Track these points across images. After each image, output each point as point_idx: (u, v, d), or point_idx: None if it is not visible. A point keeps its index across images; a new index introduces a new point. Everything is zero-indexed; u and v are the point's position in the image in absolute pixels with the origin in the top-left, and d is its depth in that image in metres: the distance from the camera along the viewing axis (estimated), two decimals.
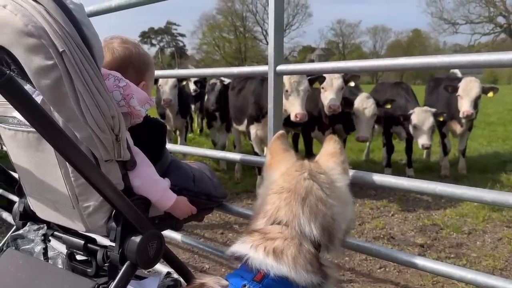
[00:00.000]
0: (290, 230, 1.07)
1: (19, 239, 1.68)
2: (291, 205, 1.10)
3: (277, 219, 1.10)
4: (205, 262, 3.31)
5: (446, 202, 4.68)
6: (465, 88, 5.28)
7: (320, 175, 1.17)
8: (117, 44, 1.55)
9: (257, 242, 1.05)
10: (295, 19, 47.43)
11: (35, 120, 1.09)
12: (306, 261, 1.02)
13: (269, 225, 1.10)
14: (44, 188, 1.44)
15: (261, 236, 1.07)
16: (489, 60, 1.28)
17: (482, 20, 39.81)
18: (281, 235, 1.06)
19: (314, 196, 1.11)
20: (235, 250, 1.07)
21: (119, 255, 1.37)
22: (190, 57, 48.31)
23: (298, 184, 1.14)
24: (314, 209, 1.09)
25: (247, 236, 1.09)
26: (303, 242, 1.05)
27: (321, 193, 1.12)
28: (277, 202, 1.13)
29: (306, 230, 1.06)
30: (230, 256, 1.09)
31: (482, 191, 1.32)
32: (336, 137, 1.35)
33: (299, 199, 1.10)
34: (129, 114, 1.38)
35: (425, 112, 5.15)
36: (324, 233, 1.09)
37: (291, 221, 1.08)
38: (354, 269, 3.17)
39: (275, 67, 1.79)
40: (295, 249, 1.03)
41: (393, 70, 1.54)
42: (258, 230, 1.10)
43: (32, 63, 1.15)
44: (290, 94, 4.22)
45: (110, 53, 1.53)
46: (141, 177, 1.43)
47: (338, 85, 4.78)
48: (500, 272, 3.12)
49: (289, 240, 1.04)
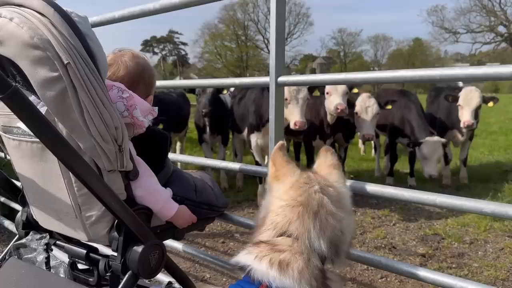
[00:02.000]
0: (300, 244, 1.06)
1: (21, 248, 1.68)
2: (303, 219, 1.09)
3: (287, 232, 1.09)
4: (206, 271, 3.31)
5: (447, 212, 4.67)
6: (465, 98, 5.31)
7: (329, 188, 1.18)
8: (128, 58, 1.58)
9: (263, 253, 1.04)
10: (296, 28, 47.64)
11: (39, 131, 1.10)
12: (312, 276, 1.02)
13: (277, 237, 1.10)
14: (47, 198, 1.45)
15: (269, 248, 1.06)
16: (488, 74, 1.29)
17: (483, 29, 39.96)
18: (290, 248, 1.05)
19: (325, 210, 1.11)
20: (239, 260, 1.07)
21: (121, 265, 1.38)
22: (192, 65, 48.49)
23: (310, 197, 1.13)
24: (324, 223, 1.09)
25: (254, 247, 1.09)
26: (312, 257, 1.05)
27: (332, 207, 1.12)
28: (289, 215, 1.12)
29: (315, 245, 1.06)
30: (233, 266, 1.09)
31: (481, 203, 1.33)
32: (331, 148, 1.36)
33: (311, 213, 1.10)
34: (132, 125, 1.39)
35: (435, 144, 5.17)
36: (331, 248, 1.09)
37: (302, 235, 1.07)
38: (355, 279, 3.16)
39: (276, 78, 1.81)
40: (302, 263, 1.02)
41: (394, 82, 1.55)
42: (266, 242, 1.09)
43: (37, 75, 1.17)
44: (290, 103, 4.25)
45: (124, 67, 1.55)
46: (143, 187, 1.44)
47: (343, 89, 4.81)
48: (502, 282, 3.11)
49: (299, 254, 1.04)
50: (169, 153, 1.80)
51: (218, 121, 5.64)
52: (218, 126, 5.75)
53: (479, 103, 5.28)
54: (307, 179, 1.21)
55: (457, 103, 5.32)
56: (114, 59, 1.57)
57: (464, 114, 5.29)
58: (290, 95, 4.23)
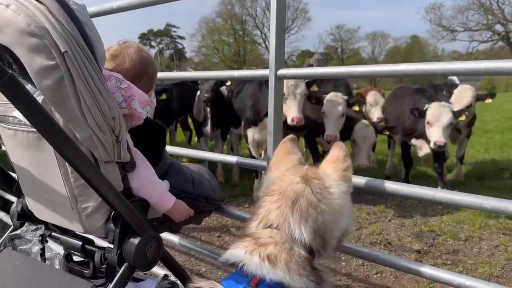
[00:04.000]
0: (281, 234, 1.07)
1: (16, 239, 1.67)
2: (281, 208, 1.10)
3: (268, 222, 1.10)
4: (201, 265, 3.30)
5: (443, 209, 4.69)
6: (457, 96, 5.17)
7: (314, 180, 1.17)
8: (134, 51, 1.56)
9: (250, 247, 1.05)
10: (294, 23, 47.53)
11: (36, 120, 1.08)
12: (298, 265, 1.02)
13: (261, 229, 1.10)
14: (43, 189, 1.43)
15: (253, 242, 1.07)
16: (490, 68, 1.29)
17: (480, 27, 40.05)
18: (272, 240, 1.06)
19: (305, 200, 1.11)
20: (229, 257, 1.07)
21: (117, 257, 1.37)
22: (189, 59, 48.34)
23: (290, 187, 1.14)
24: (305, 213, 1.09)
25: (240, 242, 1.09)
26: (294, 246, 1.05)
27: (313, 197, 1.12)
28: (268, 205, 1.13)
29: (296, 234, 1.06)
30: (224, 262, 1.08)
31: (481, 198, 1.33)
32: (342, 143, 1.32)
33: (289, 202, 1.10)
34: (129, 116, 1.38)
35: (442, 107, 4.66)
36: (316, 238, 1.08)
37: (282, 224, 1.08)
38: (350, 275, 3.17)
39: (276, 71, 1.79)
40: (286, 254, 1.03)
41: (394, 76, 1.54)
42: (250, 235, 1.11)
43: (34, 63, 1.15)
44: (287, 98, 4.22)
45: (129, 60, 1.54)
46: (140, 179, 1.42)
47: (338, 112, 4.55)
48: (497, 279, 3.13)
49: (280, 244, 1.05)
50: None
51: (219, 113, 5.60)
52: (219, 119, 5.70)
53: (470, 102, 5.11)
54: (294, 170, 1.21)
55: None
56: (120, 50, 1.55)
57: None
58: (288, 90, 4.19)
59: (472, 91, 5.13)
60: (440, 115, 4.57)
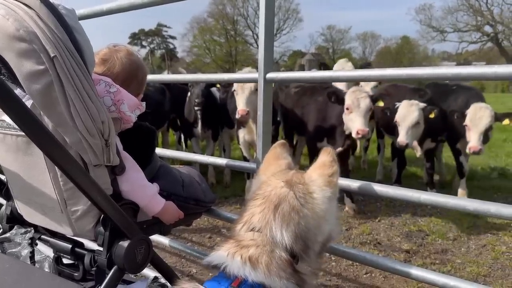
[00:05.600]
0: (262, 237, 1.08)
1: (5, 242, 1.67)
2: (264, 212, 1.12)
3: (251, 226, 1.12)
4: (192, 266, 3.31)
5: (432, 209, 4.74)
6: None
7: (298, 185, 1.18)
8: (124, 55, 1.56)
9: (232, 250, 1.07)
10: (285, 23, 47.56)
11: (25, 124, 1.09)
12: (278, 267, 1.04)
13: (244, 232, 1.12)
14: (32, 192, 1.44)
15: (236, 244, 1.09)
16: (474, 73, 1.31)
17: (469, 28, 40.40)
18: (254, 242, 1.07)
19: (287, 204, 1.12)
20: (211, 260, 1.09)
21: (107, 260, 1.38)
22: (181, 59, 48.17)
23: (274, 191, 1.16)
24: (287, 217, 1.10)
25: (223, 244, 1.11)
26: (275, 249, 1.07)
27: (296, 202, 1.13)
28: (252, 208, 1.15)
29: (277, 237, 1.08)
30: (207, 264, 1.10)
31: (464, 200, 1.36)
32: (330, 149, 1.34)
33: (271, 206, 1.12)
34: (119, 120, 1.39)
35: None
36: (298, 242, 1.10)
37: (264, 227, 1.10)
38: (340, 275, 3.20)
39: (265, 74, 1.81)
40: (266, 256, 1.05)
41: (381, 80, 1.56)
42: (233, 237, 1.13)
43: (23, 68, 1.16)
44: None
45: (119, 64, 1.54)
46: (129, 182, 1.43)
47: (366, 105, 4.13)
48: (484, 278, 3.17)
49: (261, 247, 1.06)
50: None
51: (210, 114, 5.59)
52: (209, 120, 5.69)
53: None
54: (280, 175, 1.23)
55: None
56: (109, 55, 1.55)
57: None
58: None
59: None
60: (480, 119, 4.36)
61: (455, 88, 5.24)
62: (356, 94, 4.11)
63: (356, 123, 4.05)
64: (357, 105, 4.07)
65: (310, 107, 4.89)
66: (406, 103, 4.58)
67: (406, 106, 4.55)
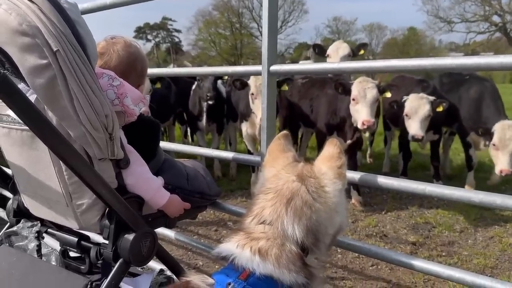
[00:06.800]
0: (273, 230, 1.08)
1: (12, 236, 1.68)
2: (275, 206, 1.12)
3: (261, 219, 1.12)
4: (198, 259, 3.33)
5: (438, 201, 4.71)
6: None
7: (309, 178, 1.18)
8: (121, 47, 1.56)
9: (242, 241, 1.07)
10: (291, 15, 47.26)
11: (29, 119, 1.09)
12: (288, 260, 1.04)
13: (254, 225, 1.12)
14: (37, 186, 1.45)
15: (245, 236, 1.09)
16: (479, 63, 1.30)
17: (477, 18, 39.90)
18: (264, 235, 1.07)
19: (300, 199, 1.12)
20: (220, 250, 1.09)
21: (112, 253, 1.38)
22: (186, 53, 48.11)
23: (286, 185, 1.15)
24: (299, 211, 1.10)
25: (232, 236, 1.11)
26: (286, 242, 1.07)
27: (308, 197, 1.13)
28: (263, 202, 1.15)
29: (289, 231, 1.08)
30: (216, 256, 1.10)
31: (470, 192, 1.35)
32: (336, 140, 1.33)
33: (284, 200, 1.12)
34: (123, 113, 1.39)
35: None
36: (309, 235, 1.10)
37: (275, 221, 1.09)
38: (346, 267, 3.20)
39: (269, 67, 1.80)
40: (276, 249, 1.05)
41: (387, 71, 1.55)
42: (243, 230, 1.12)
43: (26, 62, 1.16)
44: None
45: (116, 57, 1.54)
46: (134, 176, 1.44)
47: (373, 96, 4.01)
48: (491, 270, 3.16)
49: (272, 240, 1.06)
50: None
51: (216, 108, 5.59)
52: (215, 114, 5.69)
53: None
54: (290, 168, 1.22)
55: None
56: (106, 48, 1.55)
57: None
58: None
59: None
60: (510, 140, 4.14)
61: (468, 78, 5.08)
62: (363, 85, 4.02)
63: (362, 114, 3.97)
64: (363, 96, 3.97)
65: (319, 99, 4.84)
66: (415, 96, 4.51)
67: (416, 99, 4.47)
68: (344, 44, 5.04)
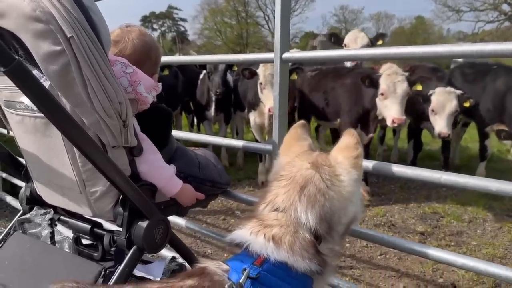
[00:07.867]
0: (287, 217, 1.08)
1: (26, 223, 1.70)
2: (289, 193, 1.11)
3: (275, 206, 1.12)
4: (207, 247, 3.35)
5: (447, 191, 4.69)
6: None
7: (324, 166, 1.17)
8: (136, 36, 1.55)
9: (256, 228, 1.07)
10: (297, 4, 46.87)
11: (43, 106, 1.09)
12: (301, 248, 1.04)
13: (267, 212, 1.12)
14: (51, 173, 1.45)
15: (259, 223, 1.08)
16: (495, 50, 1.28)
17: (486, 7, 39.34)
18: (278, 222, 1.07)
19: (313, 186, 1.12)
20: (235, 237, 1.09)
21: (126, 240, 1.39)
22: (192, 42, 47.93)
23: (299, 173, 1.15)
24: (312, 198, 1.10)
25: (245, 223, 1.11)
26: (299, 230, 1.07)
27: (322, 184, 1.12)
28: (277, 189, 1.15)
29: (302, 218, 1.07)
30: (230, 243, 1.10)
31: (486, 180, 1.33)
32: (353, 131, 1.32)
33: (297, 187, 1.11)
34: (136, 101, 1.39)
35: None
36: (322, 223, 1.09)
37: (288, 208, 1.09)
38: (354, 256, 3.20)
39: (281, 54, 1.78)
40: (290, 236, 1.05)
41: (401, 58, 1.53)
42: (256, 217, 1.12)
43: (40, 49, 1.15)
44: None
45: (131, 45, 1.53)
46: (147, 163, 1.44)
47: (403, 90, 3.80)
48: (500, 260, 3.15)
49: (285, 227, 1.06)
50: None
51: (223, 98, 5.57)
52: (222, 104, 5.67)
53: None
54: (304, 157, 1.22)
55: None
56: (121, 36, 1.54)
57: None
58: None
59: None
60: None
61: (496, 68, 4.86)
62: (392, 78, 3.76)
63: (392, 111, 3.73)
64: (393, 91, 3.73)
65: (335, 91, 4.60)
66: (442, 91, 4.22)
67: (444, 93, 4.19)
68: (362, 33, 4.90)
